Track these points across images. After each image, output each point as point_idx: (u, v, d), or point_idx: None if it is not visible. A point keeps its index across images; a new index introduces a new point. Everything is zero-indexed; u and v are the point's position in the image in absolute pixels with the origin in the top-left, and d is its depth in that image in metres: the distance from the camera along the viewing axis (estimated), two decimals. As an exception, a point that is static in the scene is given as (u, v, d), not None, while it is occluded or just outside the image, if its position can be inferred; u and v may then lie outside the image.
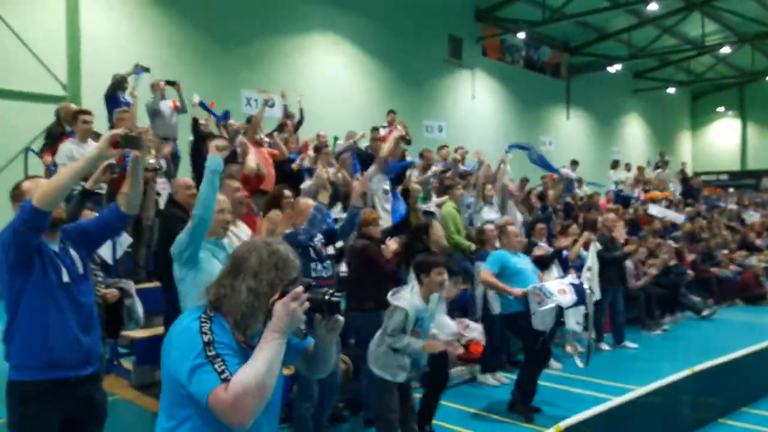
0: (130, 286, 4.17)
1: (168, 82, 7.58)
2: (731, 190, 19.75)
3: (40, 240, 2.60)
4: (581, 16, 17.58)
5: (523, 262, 5.68)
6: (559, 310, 5.08)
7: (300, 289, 1.75)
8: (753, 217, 15.81)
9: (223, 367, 1.70)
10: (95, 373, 2.83)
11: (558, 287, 5.17)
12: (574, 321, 5.32)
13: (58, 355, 2.64)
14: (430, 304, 4.17)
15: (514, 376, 6.13)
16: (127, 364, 5.62)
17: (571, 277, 5.48)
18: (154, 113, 7.67)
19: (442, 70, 17.27)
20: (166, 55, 10.96)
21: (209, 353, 1.72)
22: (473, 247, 6.77)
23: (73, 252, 2.80)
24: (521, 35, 18.66)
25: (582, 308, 5.33)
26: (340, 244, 5.99)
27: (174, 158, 7.68)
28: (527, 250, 6.76)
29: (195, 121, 7.44)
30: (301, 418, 4.30)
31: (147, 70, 7.14)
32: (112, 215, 2.96)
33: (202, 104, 7.48)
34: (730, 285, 11.19)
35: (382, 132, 9.01)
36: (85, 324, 2.76)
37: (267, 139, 7.66)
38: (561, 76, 21.78)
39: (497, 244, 5.82)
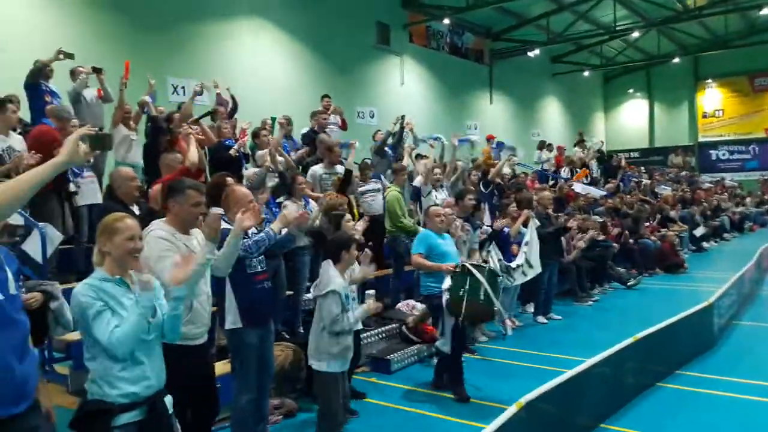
0: (55, 287, 3.67)
1: (95, 69, 7.17)
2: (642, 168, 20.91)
3: None
4: (502, 3, 17.96)
5: (448, 244, 5.81)
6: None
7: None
8: (665, 191, 16.84)
9: None
10: (32, 406, 2.32)
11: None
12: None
13: None
14: (346, 281, 4.16)
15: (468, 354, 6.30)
16: (62, 369, 5.28)
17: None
18: (77, 101, 7.28)
19: (371, 56, 17.22)
20: (88, 42, 10.26)
21: None
22: (420, 229, 6.85)
23: (3, 261, 2.29)
24: (446, 21, 18.88)
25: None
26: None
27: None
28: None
29: (153, 119, 7.14)
30: (240, 410, 4.18)
31: (71, 56, 6.73)
32: None
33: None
34: (650, 255, 11.87)
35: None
36: (20, 348, 2.25)
37: (194, 127, 7.40)
38: (484, 62, 22.20)
39: (428, 225, 5.88)
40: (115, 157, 7.36)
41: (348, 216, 5.24)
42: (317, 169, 7.65)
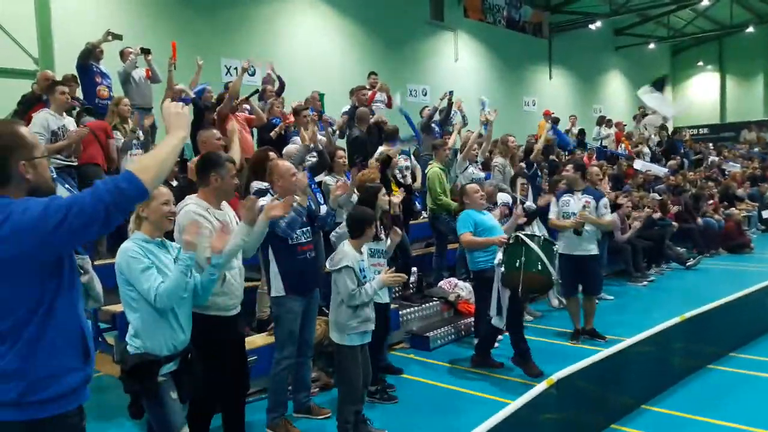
0: (86, 261, 3.62)
1: (142, 50, 7.36)
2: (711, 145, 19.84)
3: None
4: (561, -28, 17.39)
5: (491, 219, 5.74)
6: None
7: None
8: (734, 168, 15.97)
9: None
10: None
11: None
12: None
13: (92, 365, 2.10)
14: (363, 255, 4.14)
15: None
16: (110, 339, 5.44)
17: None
18: (126, 81, 7.48)
19: (423, 32, 17.00)
20: (141, 24, 10.61)
21: None
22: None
23: None
24: (502, -6, 18.48)
25: None
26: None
27: (152, 129, 7.51)
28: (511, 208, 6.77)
29: (195, 101, 7.30)
30: (277, 376, 4.28)
31: (119, 37, 6.93)
32: None
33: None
34: (713, 235, 11.31)
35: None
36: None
37: (246, 106, 7.50)
38: (543, 36, 21.57)
39: (467, 202, 5.79)
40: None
41: (384, 190, 5.21)
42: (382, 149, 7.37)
